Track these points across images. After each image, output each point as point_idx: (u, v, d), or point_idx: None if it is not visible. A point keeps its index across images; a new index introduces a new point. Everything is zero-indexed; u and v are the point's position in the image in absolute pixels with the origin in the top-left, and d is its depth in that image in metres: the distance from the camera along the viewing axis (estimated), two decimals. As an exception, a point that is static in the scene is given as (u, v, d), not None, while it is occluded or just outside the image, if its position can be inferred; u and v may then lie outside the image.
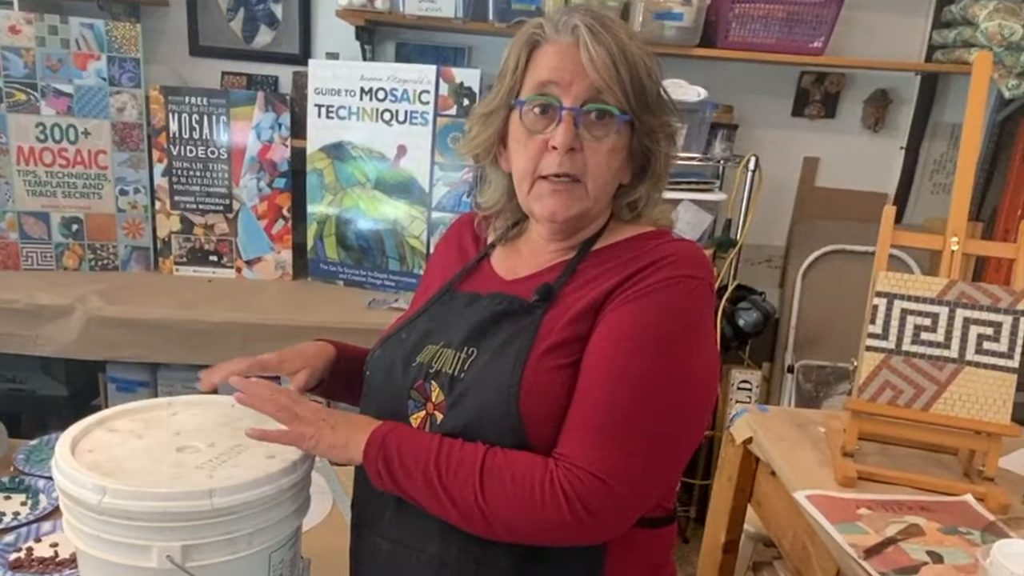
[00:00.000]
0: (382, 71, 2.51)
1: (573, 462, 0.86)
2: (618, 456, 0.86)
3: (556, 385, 0.90)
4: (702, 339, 0.93)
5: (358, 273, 2.66)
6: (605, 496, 0.85)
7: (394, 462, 0.90)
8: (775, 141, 3.05)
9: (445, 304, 1.05)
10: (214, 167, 2.58)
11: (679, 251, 0.95)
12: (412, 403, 0.97)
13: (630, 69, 0.93)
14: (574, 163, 0.94)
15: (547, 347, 0.91)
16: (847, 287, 3.02)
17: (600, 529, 0.87)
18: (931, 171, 3.11)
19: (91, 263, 2.61)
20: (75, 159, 2.52)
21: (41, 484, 1.49)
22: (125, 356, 2.30)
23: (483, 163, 1.07)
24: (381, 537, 0.99)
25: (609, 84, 0.92)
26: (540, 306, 0.96)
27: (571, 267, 0.99)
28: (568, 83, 0.93)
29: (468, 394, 0.92)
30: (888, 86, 3.01)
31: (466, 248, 1.14)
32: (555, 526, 0.85)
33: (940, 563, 1.05)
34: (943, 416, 1.29)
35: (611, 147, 0.95)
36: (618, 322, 0.90)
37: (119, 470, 0.92)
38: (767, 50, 2.69)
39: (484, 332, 0.96)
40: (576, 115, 0.93)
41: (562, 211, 0.96)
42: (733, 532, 1.63)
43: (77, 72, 2.46)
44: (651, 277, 0.92)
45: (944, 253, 1.37)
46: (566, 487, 0.85)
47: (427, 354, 0.99)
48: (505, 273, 1.05)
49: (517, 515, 0.86)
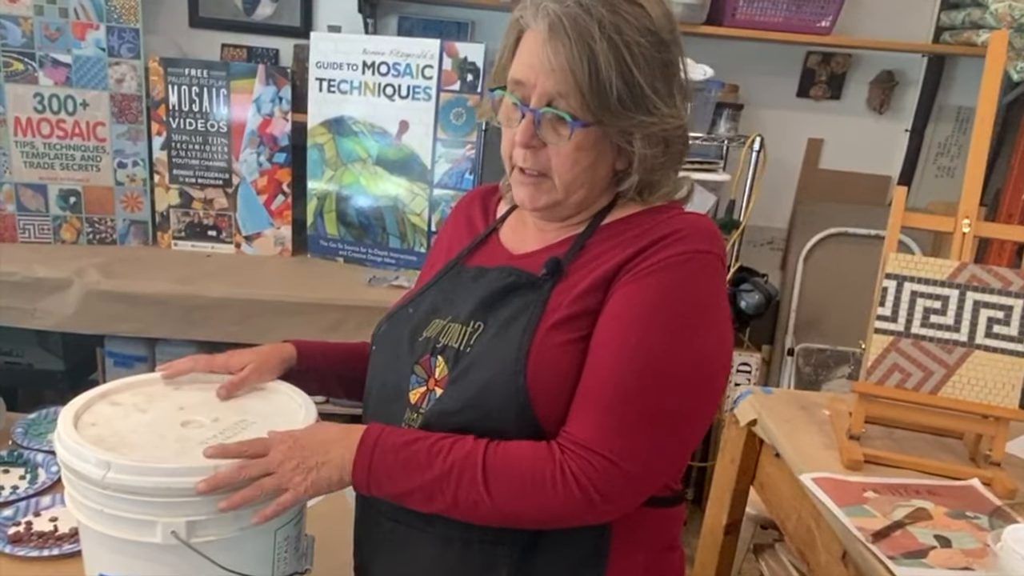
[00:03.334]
0: (385, 45, 2.48)
1: (582, 444, 0.85)
2: (629, 436, 0.85)
3: (563, 360, 0.88)
4: (714, 315, 0.91)
5: (358, 250, 2.64)
6: (617, 478, 0.84)
7: (384, 487, 0.89)
8: (779, 122, 3.02)
9: (453, 278, 1.03)
10: (214, 140, 2.55)
11: (689, 225, 0.92)
12: (414, 378, 0.96)
13: (592, 71, 0.86)
14: (537, 160, 0.93)
15: (555, 321, 0.90)
16: (849, 270, 3.01)
17: (611, 510, 0.87)
18: (936, 154, 3.09)
19: (89, 236, 2.58)
20: (73, 130, 2.48)
21: (40, 458, 1.48)
22: (123, 330, 2.29)
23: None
24: (384, 516, 0.98)
25: (563, 91, 0.88)
26: (548, 280, 0.94)
27: (580, 242, 0.97)
28: (533, 84, 0.90)
29: (473, 368, 0.91)
30: (894, 67, 2.98)
31: (475, 222, 1.12)
32: (567, 512, 0.85)
33: (948, 547, 1.04)
34: (951, 400, 1.28)
35: (575, 147, 0.91)
36: (627, 299, 0.89)
37: (123, 444, 0.91)
38: (774, 28, 2.66)
39: (491, 306, 0.95)
40: (536, 116, 0.90)
41: (530, 202, 0.96)
42: (735, 514, 1.62)
43: (75, 42, 2.42)
44: (661, 252, 0.89)
45: (955, 235, 1.35)
46: (578, 474, 0.84)
47: (434, 328, 0.98)
48: (513, 247, 1.04)
49: (526, 507, 0.86)
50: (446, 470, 0.86)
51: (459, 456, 0.87)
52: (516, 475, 0.85)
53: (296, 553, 1.01)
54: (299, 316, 2.28)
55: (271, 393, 1.08)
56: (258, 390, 1.08)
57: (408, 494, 0.88)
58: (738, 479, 1.59)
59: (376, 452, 0.89)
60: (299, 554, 1.02)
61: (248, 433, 0.96)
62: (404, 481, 0.88)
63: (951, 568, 0.99)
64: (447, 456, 0.87)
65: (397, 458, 0.88)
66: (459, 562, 0.93)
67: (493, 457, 0.86)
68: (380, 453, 0.88)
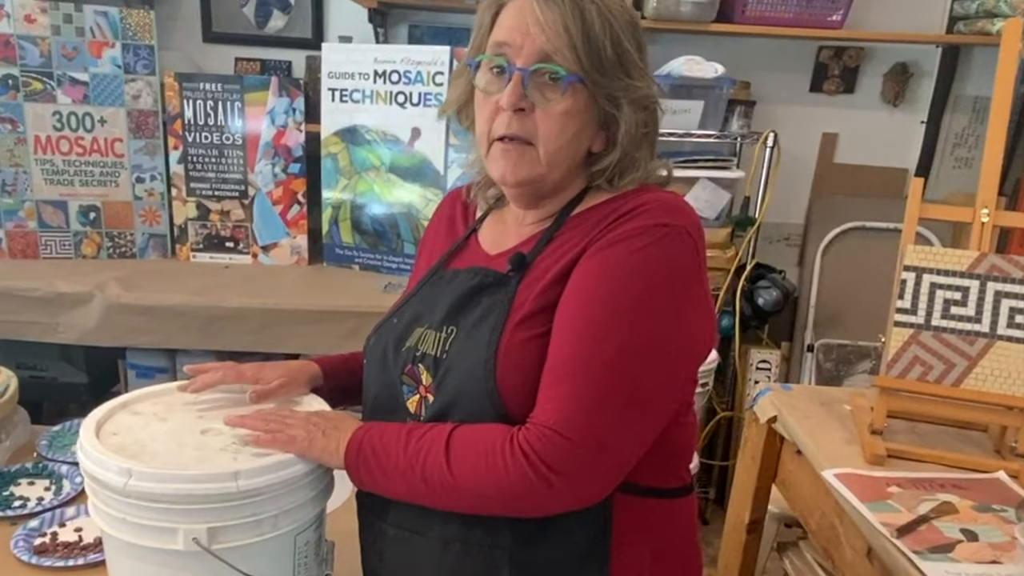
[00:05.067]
0: (395, 53, 2.49)
1: (536, 420, 0.84)
2: (575, 408, 0.83)
3: (531, 355, 0.87)
4: (677, 290, 0.88)
5: (373, 257, 2.65)
6: (567, 451, 0.82)
7: (371, 462, 0.90)
8: (793, 117, 3.00)
9: (434, 285, 1.03)
10: (229, 153, 2.57)
11: (652, 200, 0.91)
12: (406, 388, 0.97)
13: (584, 29, 0.88)
14: (523, 125, 0.91)
15: (521, 318, 0.90)
16: (867, 264, 2.99)
17: (573, 489, 0.84)
18: (952, 145, 3.06)
19: (109, 251, 2.61)
20: (91, 147, 2.51)
21: (64, 469, 1.49)
22: (144, 343, 2.31)
23: (464, 126, 1.05)
24: (386, 523, 0.98)
25: (557, 45, 0.88)
26: (514, 276, 0.93)
27: (547, 235, 0.96)
28: (520, 44, 0.89)
29: (450, 374, 0.91)
30: (908, 59, 2.96)
31: (456, 224, 1.12)
32: (523, 490, 0.83)
33: (975, 541, 1.03)
34: (974, 392, 1.27)
35: (564, 110, 0.90)
36: (583, 275, 0.88)
37: (144, 452, 0.92)
38: (785, 24, 2.65)
39: (461, 309, 0.95)
40: (524, 76, 0.89)
41: (511, 173, 0.93)
42: (757, 512, 1.61)
43: (92, 60, 2.45)
44: (620, 228, 0.88)
45: (974, 225, 1.34)
46: (524, 446, 0.82)
47: (415, 337, 0.98)
48: (490, 247, 1.03)
49: (484, 484, 0.84)
50: (420, 439, 0.88)
51: (432, 433, 0.88)
52: (472, 451, 0.85)
53: (316, 558, 1.01)
54: (317, 324, 2.29)
55: (289, 402, 1.08)
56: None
57: (388, 473, 0.89)
58: (759, 477, 1.57)
59: (367, 432, 0.92)
60: (319, 559, 1.02)
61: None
62: (384, 458, 0.89)
63: (978, 562, 0.98)
64: (419, 429, 0.89)
65: (383, 432, 0.91)
66: (459, 565, 0.93)
67: (457, 433, 0.87)
68: (369, 432, 0.92)
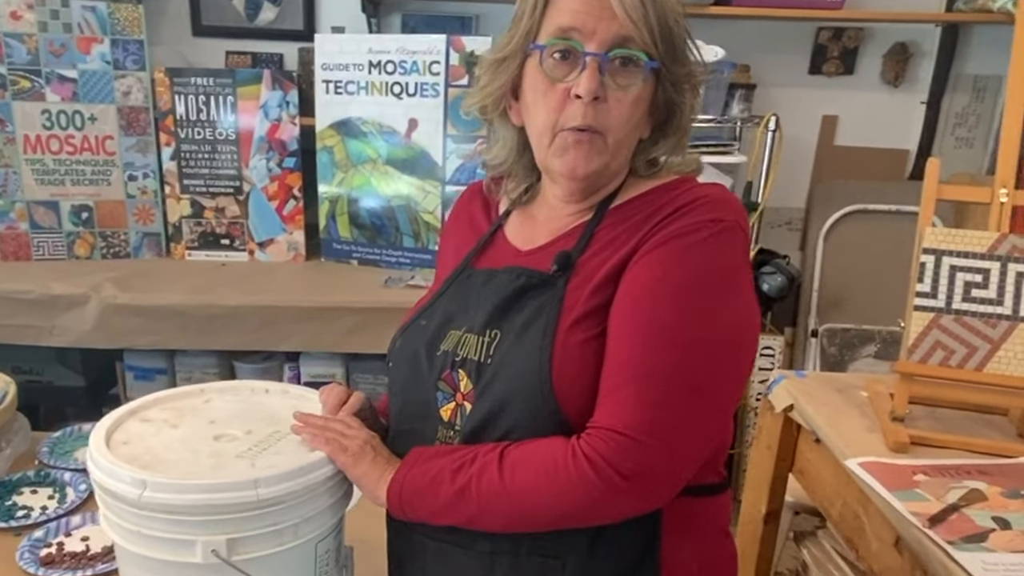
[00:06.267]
0: (390, 43, 2.45)
1: (598, 426, 0.81)
2: (644, 409, 0.80)
3: (588, 357, 0.84)
4: (733, 285, 0.86)
5: (372, 251, 2.61)
6: (636, 453, 0.79)
7: (415, 503, 0.88)
8: (792, 100, 2.97)
9: (463, 284, 0.99)
10: (222, 149, 2.53)
11: (705, 195, 0.88)
12: (441, 395, 0.93)
13: (658, 12, 0.85)
14: (598, 114, 0.87)
15: (574, 320, 0.86)
16: (870, 247, 2.97)
17: (642, 493, 0.81)
18: (953, 125, 3.03)
19: (103, 251, 2.57)
20: (82, 145, 2.46)
21: (67, 477, 1.46)
22: (141, 344, 2.27)
23: (490, 117, 1.00)
24: (426, 536, 0.93)
25: (638, 28, 0.84)
26: (560, 276, 0.90)
27: (589, 231, 0.93)
28: (592, 28, 0.85)
29: (497, 379, 0.87)
30: (908, 39, 2.93)
31: (477, 221, 1.08)
32: (589, 499, 0.80)
33: (1008, 529, 1.01)
34: (998, 376, 1.24)
35: (636, 97, 0.87)
36: (639, 274, 0.85)
37: (157, 462, 0.89)
38: (784, 6, 2.62)
39: (505, 311, 0.91)
40: (601, 62, 0.85)
41: (583, 166, 0.89)
42: (774, 502, 1.59)
43: (81, 56, 2.40)
44: (673, 224, 0.86)
45: (992, 205, 1.31)
46: (591, 454, 0.79)
47: (451, 341, 0.93)
48: (521, 243, 0.99)
49: (547, 498, 0.81)
50: (466, 480, 0.84)
51: (480, 462, 0.84)
52: (530, 467, 0.82)
53: (337, 565, 0.99)
54: (317, 321, 2.25)
55: (303, 402, 1.05)
56: (290, 398, 1.06)
57: (435, 514, 0.86)
58: (776, 466, 1.55)
59: (409, 472, 0.88)
60: (339, 565, 1.00)
61: (283, 444, 0.94)
62: (432, 496, 0.86)
63: (1014, 551, 0.96)
64: (470, 465, 0.85)
65: (425, 476, 0.87)
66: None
67: (510, 455, 0.83)
68: (411, 472, 0.88)
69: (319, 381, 2.39)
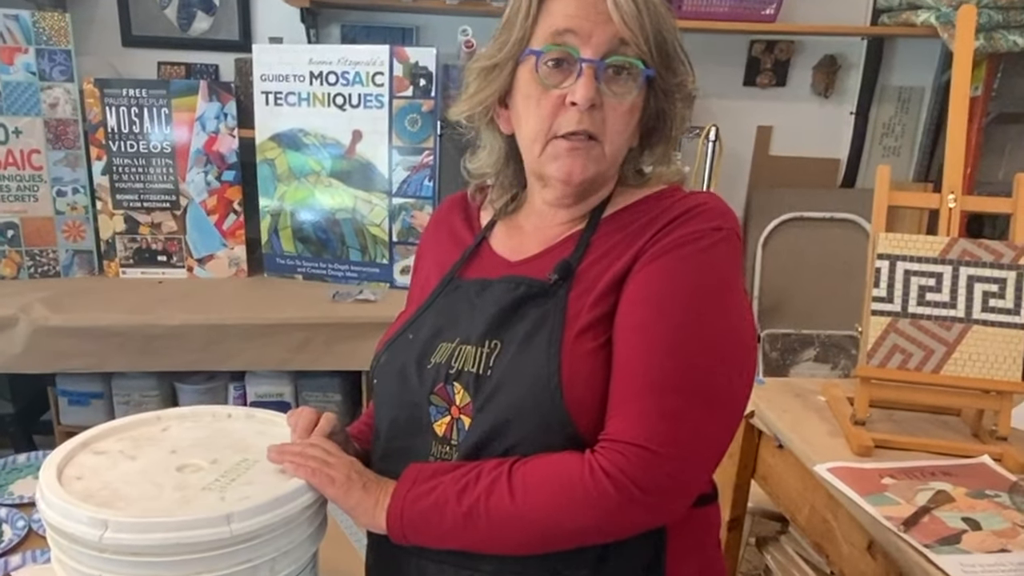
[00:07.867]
0: (331, 53, 2.40)
1: (614, 439, 0.78)
2: (660, 420, 0.78)
3: (597, 368, 0.82)
4: (736, 293, 0.86)
5: (317, 266, 2.55)
6: (655, 466, 0.77)
7: (418, 526, 0.83)
8: (728, 111, 3.03)
9: (451, 295, 0.96)
10: (157, 162, 2.43)
11: (703, 203, 0.88)
12: (434, 409, 0.89)
13: (653, 18, 0.85)
14: (593, 121, 0.86)
15: (579, 329, 0.84)
16: (805, 254, 3.05)
17: (660, 505, 0.79)
18: (880, 135, 3.14)
19: (30, 270, 2.44)
20: (7, 160, 2.33)
21: (3, 513, 1.37)
22: (75, 367, 2.16)
23: (477, 124, 0.98)
24: (426, 559, 0.89)
25: (634, 33, 0.84)
26: (561, 285, 0.88)
27: (584, 240, 0.91)
28: (588, 33, 0.84)
29: (500, 391, 0.84)
30: (836, 51, 3.02)
31: (459, 232, 1.04)
32: (608, 515, 0.78)
33: (979, 530, 1.03)
34: (955, 378, 1.28)
35: (631, 106, 0.87)
36: (645, 282, 0.83)
37: (117, 498, 0.82)
38: (721, 19, 2.67)
39: (505, 321, 0.88)
40: (597, 68, 0.84)
41: (579, 172, 0.88)
42: (738, 509, 1.60)
43: (4, 67, 2.28)
44: (675, 232, 0.85)
45: (942, 210, 1.35)
46: (609, 469, 0.77)
47: (443, 353, 0.90)
48: (509, 254, 0.97)
49: (563, 517, 0.78)
50: (473, 502, 0.80)
51: (486, 481, 0.81)
52: (544, 484, 0.79)
53: (311, 598, 0.94)
54: (264, 338, 2.18)
55: (270, 426, 1.00)
56: (255, 423, 1.01)
57: (443, 537, 0.82)
58: (739, 474, 1.56)
59: (409, 493, 0.84)
60: (314, 598, 0.95)
61: (253, 473, 0.89)
62: (437, 521, 0.82)
63: (987, 551, 0.98)
64: (475, 483, 0.81)
65: (428, 498, 0.82)
66: None
67: (519, 472, 0.80)
68: (412, 496, 0.84)
69: (266, 401, 2.32)
